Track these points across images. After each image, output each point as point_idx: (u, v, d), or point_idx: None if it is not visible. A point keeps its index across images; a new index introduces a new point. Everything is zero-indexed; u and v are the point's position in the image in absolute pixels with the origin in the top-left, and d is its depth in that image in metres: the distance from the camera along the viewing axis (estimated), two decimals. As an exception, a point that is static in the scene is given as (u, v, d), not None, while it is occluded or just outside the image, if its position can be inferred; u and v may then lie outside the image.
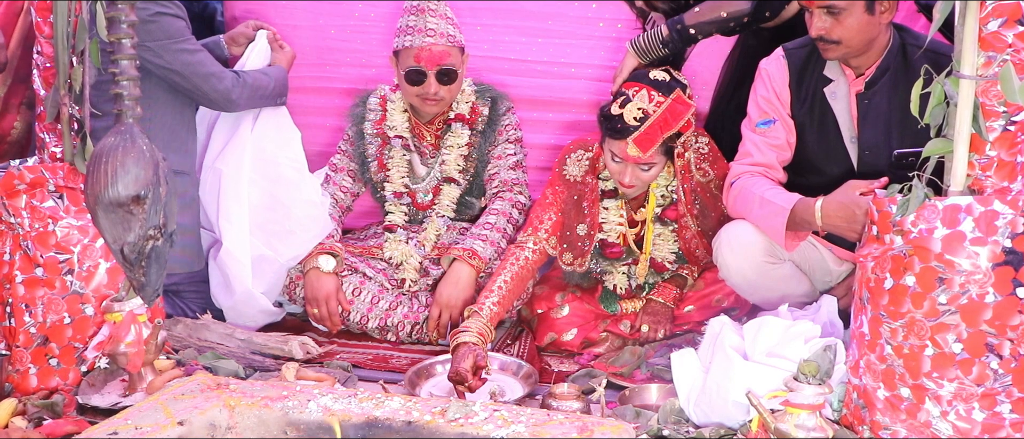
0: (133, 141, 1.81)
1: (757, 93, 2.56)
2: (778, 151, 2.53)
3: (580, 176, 2.75)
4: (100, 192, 1.78)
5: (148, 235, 1.82)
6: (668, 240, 2.76)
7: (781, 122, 2.52)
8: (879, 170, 2.31)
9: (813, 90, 2.49)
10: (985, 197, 1.74)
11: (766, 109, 2.53)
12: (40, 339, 2.29)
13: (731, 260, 2.52)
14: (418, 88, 2.84)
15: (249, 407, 1.86)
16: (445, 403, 1.85)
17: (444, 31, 2.81)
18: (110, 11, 1.89)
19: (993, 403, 1.76)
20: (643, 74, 2.57)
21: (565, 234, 2.77)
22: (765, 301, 2.55)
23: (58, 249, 2.28)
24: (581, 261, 2.76)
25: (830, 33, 2.32)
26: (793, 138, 2.54)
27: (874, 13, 2.30)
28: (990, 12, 1.73)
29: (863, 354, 1.90)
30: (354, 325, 2.85)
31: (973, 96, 1.74)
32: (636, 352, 2.60)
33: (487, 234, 2.81)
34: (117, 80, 1.90)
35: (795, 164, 2.56)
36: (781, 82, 2.52)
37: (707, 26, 2.61)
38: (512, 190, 2.90)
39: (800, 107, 2.51)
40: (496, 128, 2.95)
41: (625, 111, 2.49)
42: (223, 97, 2.79)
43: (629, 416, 2.16)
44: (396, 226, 2.99)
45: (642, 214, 2.76)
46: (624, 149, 2.52)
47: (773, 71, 2.53)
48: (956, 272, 1.74)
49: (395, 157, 2.98)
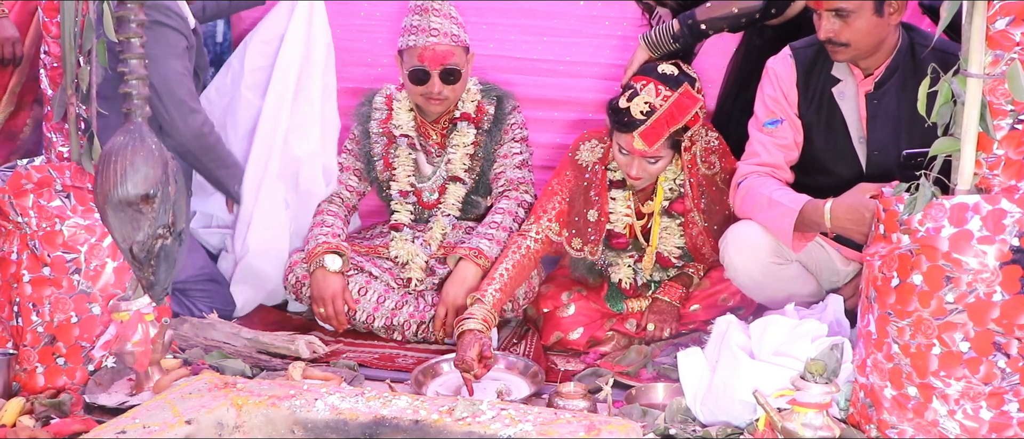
0: (143, 140, 1.82)
1: (764, 92, 2.56)
2: (785, 151, 2.52)
3: (592, 163, 2.77)
4: (110, 191, 1.79)
5: (157, 234, 1.83)
6: (674, 234, 2.76)
7: (788, 122, 2.51)
8: (888, 170, 2.31)
9: (821, 90, 2.49)
10: (993, 196, 1.74)
11: (773, 109, 2.53)
12: (47, 338, 2.29)
13: (738, 260, 2.51)
14: (422, 87, 2.84)
15: (256, 406, 1.86)
16: (452, 402, 1.85)
17: (448, 30, 2.81)
18: (119, 10, 1.89)
19: (1001, 402, 1.76)
20: (652, 68, 2.57)
21: (573, 219, 2.77)
22: (771, 301, 2.55)
23: (65, 248, 2.28)
24: (592, 248, 2.76)
25: (839, 36, 2.31)
26: (800, 138, 2.53)
27: (883, 15, 2.30)
28: (997, 10, 1.73)
29: (870, 353, 1.90)
30: (360, 324, 2.85)
31: (980, 94, 1.74)
32: (642, 351, 2.60)
33: (493, 233, 2.81)
34: (126, 79, 1.90)
35: (803, 164, 2.55)
36: (788, 82, 2.51)
37: (718, 22, 2.61)
38: (518, 189, 2.90)
39: (808, 107, 2.51)
40: (502, 127, 2.94)
41: (632, 105, 2.50)
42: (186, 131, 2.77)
43: (636, 415, 2.16)
44: (402, 225, 2.99)
45: (650, 206, 2.76)
46: (631, 142, 2.53)
47: (780, 71, 2.53)
48: (963, 271, 1.74)
49: (401, 156, 2.98)
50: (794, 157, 2.54)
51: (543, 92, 3.24)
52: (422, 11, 2.82)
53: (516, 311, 2.87)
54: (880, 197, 1.91)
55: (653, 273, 2.82)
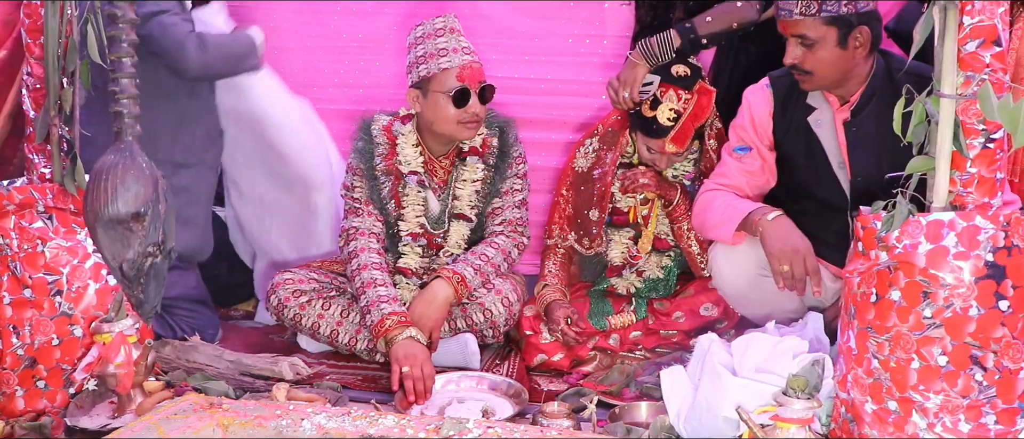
0: (133, 159, 1.83)
1: (736, 121, 2.63)
2: (750, 177, 2.59)
3: (588, 167, 2.93)
4: (100, 209, 1.79)
5: (147, 252, 1.83)
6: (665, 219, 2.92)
7: (756, 151, 2.57)
8: (874, 194, 2.34)
9: (797, 119, 2.53)
10: (967, 212, 1.78)
11: (743, 136, 2.60)
12: (28, 361, 2.27)
13: (726, 269, 2.57)
14: (461, 110, 2.66)
15: (242, 426, 1.86)
16: (438, 421, 1.86)
17: (472, 48, 2.73)
18: (111, 30, 1.90)
19: (978, 414, 1.79)
20: (667, 73, 2.71)
21: (577, 222, 2.94)
22: (754, 315, 2.59)
23: (47, 270, 2.27)
24: (598, 241, 2.92)
25: (803, 63, 2.37)
26: (770, 168, 2.59)
27: (847, 47, 2.34)
28: (968, 33, 1.78)
29: (851, 368, 1.93)
30: (342, 346, 2.84)
31: (953, 115, 1.79)
32: (625, 371, 2.62)
33: (481, 265, 2.74)
34: (117, 98, 1.91)
35: (788, 189, 2.61)
36: (763, 112, 2.56)
37: (718, 36, 2.73)
38: (516, 230, 2.86)
39: (784, 135, 2.55)
40: (507, 161, 2.83)
41: (658, 113, 2.69)
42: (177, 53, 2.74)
43: (620, 433, 2.17)
44: (410, 271, 2.84)
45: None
46: (662, 146, 2.73)
47: (755, 101, 2.58)
48: (940, 286, 1.77)
49: (411, 195, 2.81)
50: (762, 184, 2.61)
51: (525, 112, 3.25)
52: (448, 31, 2.70)
53: (497, 336, 2.86)
54: (858, 215, 1.95)
55: (650, 256, 2.91)
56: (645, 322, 2.83)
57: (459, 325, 2.81)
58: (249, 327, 3.19)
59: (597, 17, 3.28)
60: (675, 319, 2.81)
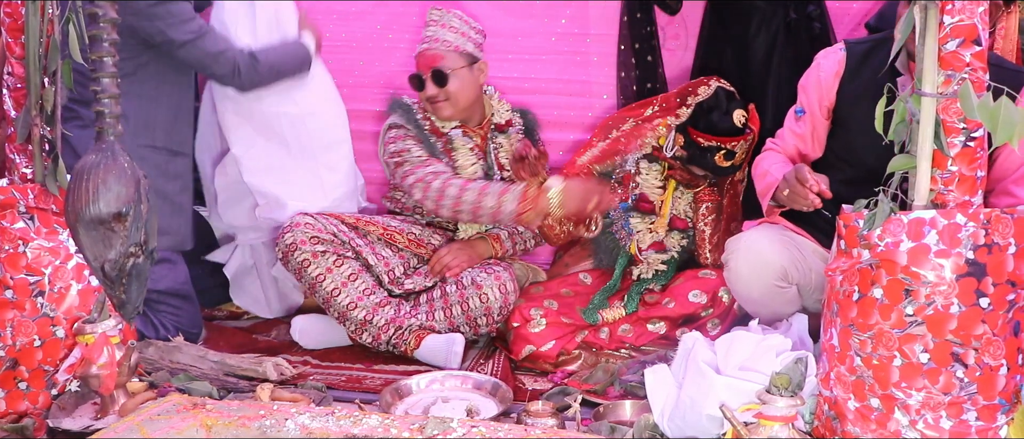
0: (115, 158, 1.81)
1: (802, 80, 2.63)
2: (799, 141, 2.62)
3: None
4: (82, 209, 1.78)
5: (129, 252, 1.82)
6: (687, 196, 3.12)
7: (809, 117, 2.59)
8: None
9: (870, 84, 2.39)
10: (948, 210, 1.80)
11: (802, 98, 2.62)
12: (9, 362, 2.25)
13: (745, 270, 2.59)
14: (422, 93, 2.99)
15: (226, 426, 1.85)
16: (423, 420, 1.86)
17: (441, 37, 2.96)
18: (91, 29, 1.89)
19: (960, 411, 1.81)
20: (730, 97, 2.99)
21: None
22: (755, 314, 2.60)
23: (29, 271, 2.25)
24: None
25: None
26: (820, 140, 2.60)
27: None
28: (948, 33, 1.79)
29: (833, 366, 1.94)
30: (338, 307, 2.81)
31: (934, 113, 1.80)
32: (609, 369, 2.63)
33: (515, 234, 3.07)
34: (98, 97, 1.89)
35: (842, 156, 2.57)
36: (831, 74, 2.54)
37: None
38: None
39: (852, 101, 2.50)
40: (535, 140, 3.13)
41: (735, 116, 2.93)
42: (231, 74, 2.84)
43: (604, 432, 2.18)
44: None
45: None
46: (732, 145, 2.93)
47: (826, 63, 2.56)
48: (922, 284, 1.79)
49: (460, 149, 3.04)
50: (807, 152, 2.62)
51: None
52: (431, 22, 3.00)
53: (491, 326, 2.88)
54: (841, 214, 1.96)
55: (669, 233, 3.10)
56: (635, 313, 2.90)
57: (455, 312, 2.85)
58: (234, 327, 3.18)
59: (581, 15, 3.30)
60: (664, 304, 2.89)
